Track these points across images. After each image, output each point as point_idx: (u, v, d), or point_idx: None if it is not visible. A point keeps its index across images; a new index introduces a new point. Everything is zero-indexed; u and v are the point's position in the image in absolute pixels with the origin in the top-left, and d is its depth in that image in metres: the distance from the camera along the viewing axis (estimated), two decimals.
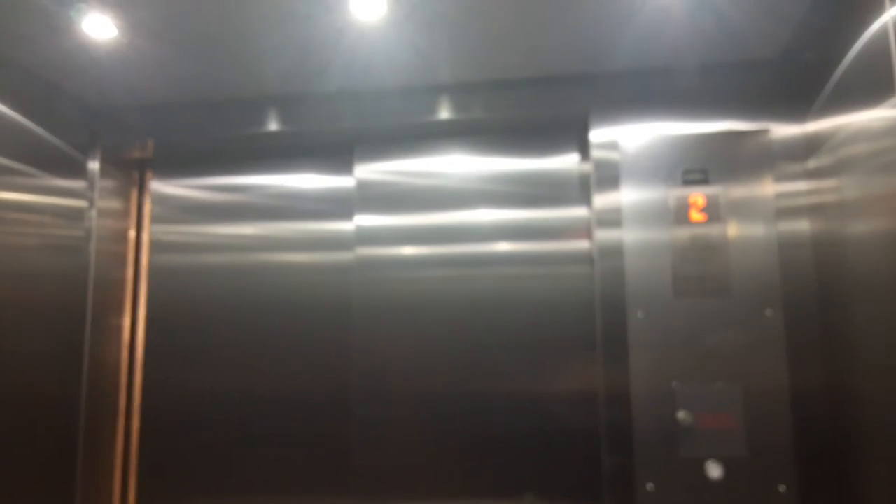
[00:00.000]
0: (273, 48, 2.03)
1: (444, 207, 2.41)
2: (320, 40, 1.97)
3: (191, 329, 2.52)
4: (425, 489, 2.28)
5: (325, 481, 2.37)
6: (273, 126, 2.41)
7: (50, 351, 2.24)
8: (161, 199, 2.63)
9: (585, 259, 2.28)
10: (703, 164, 2.08)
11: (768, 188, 2.04)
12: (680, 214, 2.07)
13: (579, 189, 2.33)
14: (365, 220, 2.45)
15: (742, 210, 2.04)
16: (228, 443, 2.44)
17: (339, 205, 2.50)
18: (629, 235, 2.09)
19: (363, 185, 2.47)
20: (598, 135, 2.19)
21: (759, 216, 2.03)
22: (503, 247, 2.36)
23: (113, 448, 2.49)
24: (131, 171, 2.64)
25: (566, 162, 2.37)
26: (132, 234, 2.62)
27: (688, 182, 2.08)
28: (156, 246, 2.60)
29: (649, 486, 1.96)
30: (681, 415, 1.96)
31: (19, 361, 2.10)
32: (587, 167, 2.27)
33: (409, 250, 2.41)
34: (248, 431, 2.44)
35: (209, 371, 2.49)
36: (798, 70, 2.04)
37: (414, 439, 2.31)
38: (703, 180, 2.07)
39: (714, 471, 1.91)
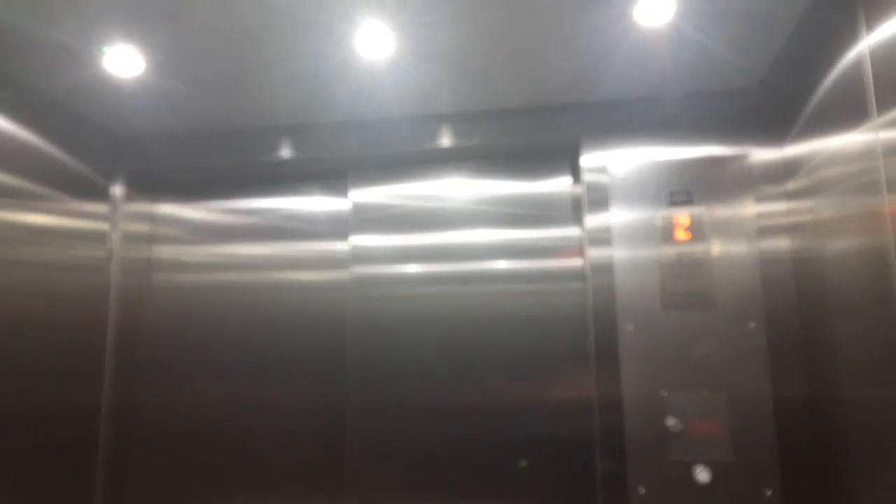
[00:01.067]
0: (283, 81, 2.12)
1: (439, 228, 2.48)
2: (327, 74, 2.06)
3: (195, 344, 2.60)
4: (421, 499, 2.32)
5: (321, 492, 2.42)
6: (281, 153, 2.51)
7: (73, 368, 2.30)
8: (173, 221, 2.74)
9: (577, 276, 2.35)
10: (687, 186, 2.16)
11: (749, 208, 2.11)
12: (666, 233, 2.15)
13: (571, 210, 2.41)
14: (359, 240, 2.53)
15: (725, 229, 2.11)
16: (227, 452, 2.51)
17: (337, 226, 2.61)
18: (619, 253, 2.17)
19: (358, 208, 2.56)
20: (589, 160, 2.27)
21: (741, 234, 2.10)
22: (498, 265, 2.42)
23: (128, 462, 2.55)
24: (151, 196, 2.73)
25: (559, 185, 2.44)
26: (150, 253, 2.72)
27: (673, 203, 2.16)
28: (166, 265, 2.70)
29: (641, 489, 2.02)
30: (670, 422, 2.02)
31: (43, 377, 2.16)
32: (579, 190, 2.35)
33: (403, 269, 2.48)
34: (248, 441, 2.50)
35: (213, 384, 2.56)
36: (776, 98, 2.13)
37: (409, 451, 2.35)
38: (688, 201, 2.15)
39: (702, 475, 1.97)
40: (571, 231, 2.40)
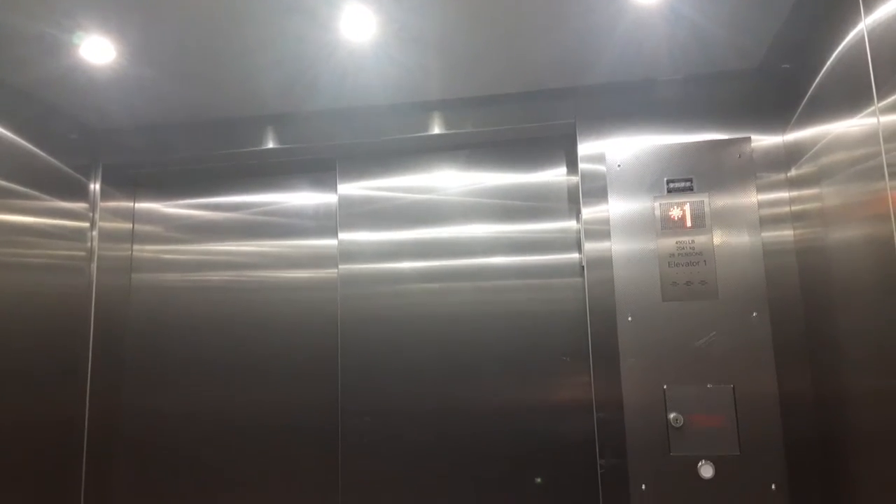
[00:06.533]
0: (265, 67, 2.06)
1: (431, 223, 2.43)
2: (311, 59, 2.00)
3: (180, 345, 2.57)
4: (415, 499, 2.29)
5: (314, 492, 2.39)
6: (265, 143, 2.44)
7: (52, 370, 2.24)
8: (154, 218, 2.69)
9: (574, 270, 2.30)
10: (687, 173, 2.11)
11: (752, 196, 2.07)
12: (666, 222, 2.10)
13: (568, 201, 2.36)
14: (348, 236, 2.47)
15: (726, 217, 2.07)
16: (216, 455, 2.48)
17: (324, 221, 2.56)
18: (618, 244, 2.12)
19: (346, 202, 2.50)
20: (585, 148, 2.22)
21: (743, 223, 2.06)
22: (492, 260, 2.37)
23: (113, 464, 2.51)
24: (131, 192, 2.67)
25: (554, 175, 2.39)
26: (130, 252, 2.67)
27: (673, 191, 2.11)
28: (147, 264, 2.65)
29: (643, 486, 1.98)
30: (672, 416, 1.98)
31: (22, 380, 2.10)
32: (575, 180, 2.30)
33: (394, 265, 2.43)
34: (237, 444, 2.47)
35: (198, 387, 2.53)
36: (777, 81, 2.08)
37: (403, 450, 2.31)
38: (688, 188, 2.10)
39: (706, 471, 1.94)
40: (568, 223, 2.35)
